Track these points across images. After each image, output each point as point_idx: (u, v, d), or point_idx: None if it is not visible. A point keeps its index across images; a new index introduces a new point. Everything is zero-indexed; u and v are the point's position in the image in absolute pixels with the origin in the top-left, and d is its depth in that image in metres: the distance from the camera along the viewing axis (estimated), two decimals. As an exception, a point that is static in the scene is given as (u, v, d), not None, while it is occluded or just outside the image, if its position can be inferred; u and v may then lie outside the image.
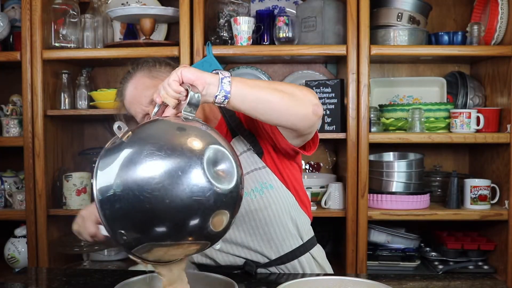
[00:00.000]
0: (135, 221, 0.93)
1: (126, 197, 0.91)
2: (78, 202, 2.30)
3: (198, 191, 0.93)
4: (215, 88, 1.07)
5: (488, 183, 2.23)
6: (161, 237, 0.94)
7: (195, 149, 0.96)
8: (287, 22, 2.26)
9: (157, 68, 1.43)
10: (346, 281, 1.19)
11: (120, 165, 0.93)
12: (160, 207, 0.91)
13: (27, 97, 2.25)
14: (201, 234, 0.97)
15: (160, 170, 0.92)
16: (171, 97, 1.06)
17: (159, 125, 1.02)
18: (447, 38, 2.29)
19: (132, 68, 1.46)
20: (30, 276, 1.52)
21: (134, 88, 1.41)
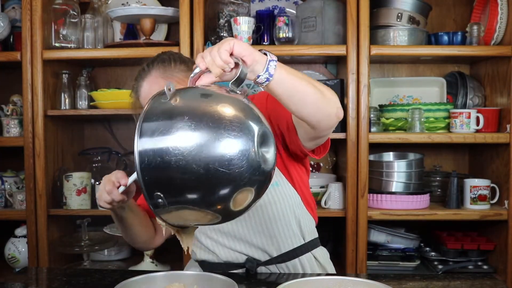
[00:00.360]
0: (178, 184, 0.94)
1: (179, 161, 0.93)
2: (78, 202, 2.30)
3: (246, 164, 0.95)
4: (260, 68, 1.07)
5: (487, 183, 2.23)
6: (195, 202, 0.96)
7: (250, 125, 0.97)
8: (287, 22, 2.26)
9: (172, 67, 1.44)
10: (346, 281, 1.20)
11: (176, 130, 0.94)
12: (205, 173, 0.93)
13: (28, 97, 2.25)
14: (224, 207, 0.99)
15: (219, 140, 0.93)
16: (218, 66, 1.05)
17: (213, 95, 1.02)
18: (447, 38, 2.29)
19: (147, 65, 1.47)
20: (30, 276, 1.52)
21: (148, 87, 1.43)
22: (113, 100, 2.28)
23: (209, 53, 1.05)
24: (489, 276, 1.41)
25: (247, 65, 1.05)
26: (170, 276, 1.26)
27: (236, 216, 1.04)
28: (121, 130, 2.67)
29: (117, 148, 2.63)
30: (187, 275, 1.29)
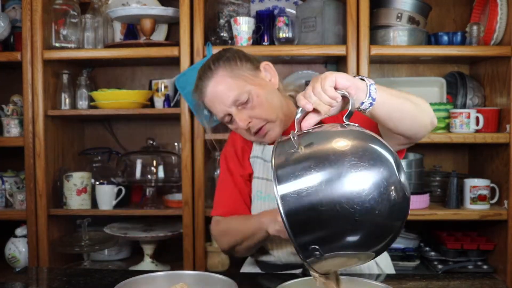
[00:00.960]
0: (337, 234, 0.91)
1: (332, 210, 0.88)
2: (79, 202, 2.30)
3: (400, 200, 0.92)
4: (363, 95, 1.06)
5: (487, 183, 2.23)
6: (356, 247, 0.93)
7: (388, 159, 0.94)
8: (287, 23, 2.26)
9: (238, 65, 1.43)
10: (346, 281, 1.20)
11: (319, 178, 0.90)
12: (368, 218, 0.89)
13: (28, 97, 2.25)
14: (381, 245, 0.96)
15: (368, 182, 0.90)
16: (326, 104, 1.02)
17: (338, 133, 0.98)
18: (447, 38, 2.29)
19: (213, 63, 1.44)
20: (30, 276, 1.52)
21: (216, 87, 1.41)
22: (113, 100, 2.28)
23: (312, 92, 1.03)
24: (489, 276, 1.41)
25: (351, 95, 1.03)
26: (170, 276, 1.27)
27: (386, 249, 1.00)
28: (121, 130, 2.67)
29: (117, 148, 2.63)
30: (187, 275, 1.29)
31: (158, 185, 2.38)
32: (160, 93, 2.38)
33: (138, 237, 2.26)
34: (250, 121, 1.41)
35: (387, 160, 0.93)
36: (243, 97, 1.40)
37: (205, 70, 1.45)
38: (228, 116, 1.43)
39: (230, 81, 1.40)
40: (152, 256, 2.35)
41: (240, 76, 1.42)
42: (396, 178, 0.92)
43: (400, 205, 0.92)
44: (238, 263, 2.42)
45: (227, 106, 1.40)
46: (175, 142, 2.56)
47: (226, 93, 1.40)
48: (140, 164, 2.35)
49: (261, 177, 1.51)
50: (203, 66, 1.47)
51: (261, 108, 1.41)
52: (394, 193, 0.91)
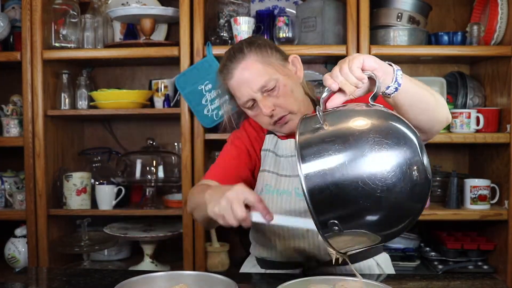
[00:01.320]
0: (358, 210, 0.91)
1: (354, 186, 0.89)
2: (78, 202, 2.30)
3: (421, 181, 0.93)
4: (390, 79, 1.06)
5: (488, 183, 2.23)
6: (375, 225, 0.93)
7: (412, 139, 0.94)
8: (287, 22, 2.26)
9: (269, 53, 1.44)
10: (346, 281, 1.19)
11: (343, 156, 0.90)
12: (390, 195, 0.90)
13: (28, 97, 2.25)
14: (400, 226, 0.96)
15: (392, 160, 0.90)
16: (352, 84, 1.02)
17: (366, 113, 0.98)
18: (447, 38, 2.29)
19: (245, 46, 1.44)
20: (30, 276, 1.52)
21: (246, 70, 1.41)
22: (113, 100, 2.28)
23: (339, 72, 1.03)
24: (489, 276, 1.41)
25: (378, 77, 1.03)
26: (170, 276, 1.26)
27: (403, 231, 1.01)
28: (121, 130, 2.67)
29: (117, 148, 2.63)
30: (187, 275, 1.29)
31: (158, 185, 2.38)
32: (160, 93, 2.37)
33: (138, 237, 2.26)
34: (274, 109, 1.41)
35: (411, 141, 0.94)
36: (271, 84, 1.40)
37: (235, 52, 1.44)
38: (252, 101, 1.43)
39: (260, 66, 1.41)
40: (152, 256, 2.35)
41: (270, 63, 1.42)
42: (419, 159, 0.93)
43: (422, 186, 0.93)
44: (238, 263, 2.43)
45: (254, 91, 1.40)
46: (175, 142, 2.56)
47: (255, 78, 1.40)
48: (140, 164, 2.35)
49: (272, 171, 1.51)
50: (232, 48, 1.47)
51: (286, 98, 1.42)
52: (417, 173, 0.92)
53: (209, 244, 2.29)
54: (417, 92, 1.13)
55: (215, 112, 2.19)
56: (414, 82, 1.14)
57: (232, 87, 1.45)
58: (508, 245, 2.17)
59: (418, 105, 1.14)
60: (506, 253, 2.17)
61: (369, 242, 0.99)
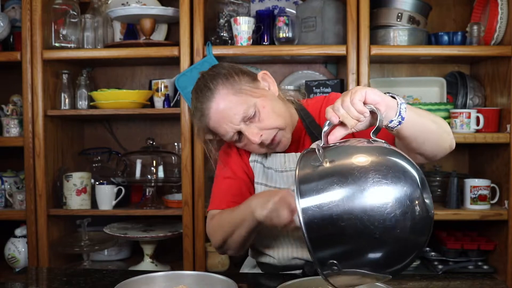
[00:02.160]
0: (356, 250, 0.90)
1: (352, 225, 0.87)
2: (78, 202, 2.30)
3: (423, 221, 0.91)
4: (393, 113, 1.06)
5: (488, 183, 2.23)
6: (375, 265, 0.91)
7: (412, 177, 0.93)
8: (287, 22, 2.26)
9: (237, 80, 1.38)
10: None
11: (341, 193, 0.89)
12: (389, 236, 0.88)
13: (27, 97, 2.25)
14: (402, 264, 0.95)
15: (391, 199, 0.89)
16: (353, 118, 1.01)
17: (364, 149, 0.97)
18: (447, 38, 2.29)
19: (210, 81, 1.38)
20: (30, 276, 1.52)
21: (221, 107, 1.35)
22: (113, 100, 2.28)
23: (341, 105, 1.02)
24: (489, 276, 1.41)
25: (381, 111, 1.02)
26: (170, 276, 1.26)
27: (406, 268, 0.98)
28: (121, 130, 2.67)
29: (117, 148, 2.63)
30: (187, 275, 1.29)
31: (158, 185, 2.38)
32: (160, 93, 2.37)
33: (138, 237, 2.26)
34: (261, 134, 1.36)
35: (411, 178, 0.92)
36: (250, 111, 1.35)
37: (202, 91, 1.38)
38: (237, 134, 1.38)
39: (234, 98, 1.35)
40: (152, 256, 2.35)
41: (241, 90, 1.36)
42: (420, 196, 0.91)
43: (423, 223, 0.91)
44: (238, 263, 2.43)
45: (236, 124, 1.35)
46: (175, 142, 2.56)
47: (232, 111, 1.34)
48: (140, 164, 2.35)
49: (260, 182, 1.49)
50: (198, 88, 1.41)
51: (269, 119, 1.37)
52: (418, 209, 0.90)
53: (209, 244, 2.29)
54: (421, 123, 1.13)
55: (215, 112, 2.19)
56: (418, 112, 1.13)
57: (212, 127, 1.39)
58: (508, 245, 2.17)
59: (422, 135, 1.14)
60: (506, 253, 2.17)
61: (373, 279, 0.97)
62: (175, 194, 2.45)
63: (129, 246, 2.56)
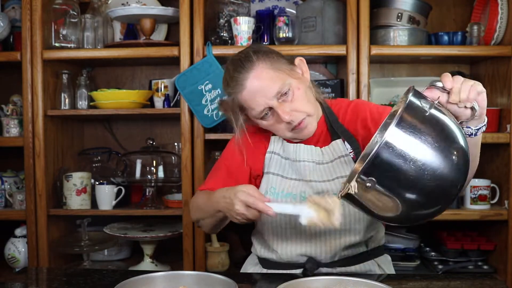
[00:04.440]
0: (402, 178, 1.00)
1: (415, 165, 0.99)
2: (78, 202, 2.30)
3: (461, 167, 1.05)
4: (482, 120, 1.17)
5: (488, 183, 2.23)
6: (407, 202, 1.03)
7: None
8: (287, 22, 2.26)
9: (276, 59, 1.42)
10: (346, 281, 1.19)
11: (426, 147, 1.00)
12: (430, 186, 1.01)
13: (27, 97, 2.25)
14: (423, 215, 1.08)
15: (448, 162, 1.01)
16: (460, 99, 1.10)
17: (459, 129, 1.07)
18: (447, 38, 2.29)
19: (252, 54, 1.41)
20: (30, 276, 1.52)
21: (258, 79, 1.38)
22: (113, 100, 2.28)
23: (461, 83, 1.11)
24: (489, 276, 1.41)
25: (478, 114, 1.13)
26: (170, 276, 1.26)
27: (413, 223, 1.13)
28: (121, 130, 2.67)
29: (117, 148, 2.63)
30: (187, 275, 1.29)
31: (158, 185, 2.38)
32: (160, 93, 2.37)
33: (138, 237, 2.26)
34: (292, 114, 1.39)
35: (463, 167, 1.05)
36: (285, 89, 1.38)
37: (243, 62, 1.41)
38: (267, 110, 1.40)
39: (272, 73, 1.38)
40: (152, 256, 2.35)
41: (280, 69, 1.40)
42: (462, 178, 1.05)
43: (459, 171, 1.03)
44: (238, 263, 2.43)
45: (269, 99, 1.38)
46: (175, 142, 2.56)
47: (269, 85, 1.37)
48: (140, 164, 2.35)
49: (276, 173, 1.50)
50: (238, 58, 1.43)
51: (301, 101, 1.41)
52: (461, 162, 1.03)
53: (209, 244, 2.29)
54: (479, 145, 1.26)
55: (215, 112, 2.19)
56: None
57: (245, 99, 1.41)
58: (508, 245, 2.17)
59: (477, 152, 1.26)
60: (506, 253, 2.17)
61: (390, 212, 1.05)
62: (175, 194, 2.45)
63: (129, 246, 2.56)
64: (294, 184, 1.47)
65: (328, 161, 1.47)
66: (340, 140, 1.47)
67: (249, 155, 1.53)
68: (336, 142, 1.47)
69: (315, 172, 1.46)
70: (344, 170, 1.44)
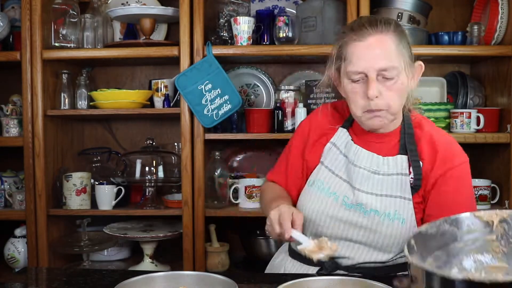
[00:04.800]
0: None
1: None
2: (78, 202, 2.30)
3: None
4: None
5: (488, 183, 2.22)
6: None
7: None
8: (287, 22, 2.26)
9: (405, 44, 1.36)
10: (347, 281, 1.19)
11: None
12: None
13: (27, 97, 2.25)
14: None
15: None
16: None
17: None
18: (447, 38, 2.28)
19: (390, 22, 1.36)
20: (30, 276, 1.52)
21: (380, 43, 1.32)
22: (113, 100, 2.28)
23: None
24: (489, 276, 1.40)
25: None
26: (170, 276, 1.26)
27: None
28: (121, 130, 2.67)
29: (116, 148, 2.63)
30: (187, 275, 1.29)
31: (158, 185, 2.38)
32: (160, 93, 2.37)
33: (138, 237, 2.26)
34: (378, 96, 1.33)
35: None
36: (392, 73, 1.33)
37: (380, 21, 1.34)
38: (362, 75, 1.34)
39: (394, 50, 1.33)
40: (151, 256, 2.35)
41: (402, 54, 1.35)
42: None
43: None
44: (238, 263, 2.43)
45: (373, 68, 1.31)
46: (175, 142, 2.56)
47: (383, 57, 1.31)
48: (140, 164, 2.35)
49: (329, 167, 1.47)
50: (377, 15, 1.41)
51: (395, 95, 1.35)
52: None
53: (209, 244, 2.29)
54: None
55: (215, 112, 2.19)
56: None
57: (354, 50, 1.34)
58: (508, 245, 2.16)
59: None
60: (507, 253, 2.17)
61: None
62: (175, 194, 2.45)
63: (129, 246, 2.56)
64: (341, 185, 1.44)
65: (385, 173, 1.41)
66: (406, 157, 1.41)
67: (309, 146, 1.53)
68: (402, 157, 1.41)
69: (368, 181, 1.42)
70: (397, 189, 1.39)
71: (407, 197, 1.38)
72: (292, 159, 1.56)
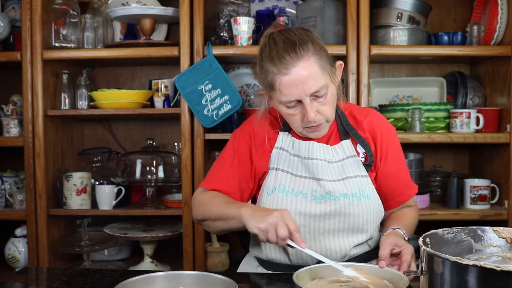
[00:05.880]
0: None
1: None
2: (78, 202, 2.30)
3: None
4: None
5: (487, 183, 2.23)
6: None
7: None
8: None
9: (324, 57, 1.39)
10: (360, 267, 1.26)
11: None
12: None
13: (28, 97, 2.25)
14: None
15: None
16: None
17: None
18: (447, 38, 2.29)
19: (308, 42, 1.38)
20: (30, 276, 1.52)
21: (305, 71, 1.35)
22: (113, 100, 2.28)
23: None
24: (489, 276, 1.40)
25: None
26: (170, 276, 1.26)
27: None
28: (121, 130, 2.67)
29: (117, 148, 2.63)
30: (187, 275, 1.29)
31: (158, 185, 2.38)
32: (160, 93, 2.37)
33: (138, 237, 2.26)
34: (317, 115, 1.40)
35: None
36: (323, 91, 1.38)
37: (296, 46, 1.36)
38: (296, 102, 1.39)
39: (319, 71, 1.36)
40: (152, 256, 2.35)
41: (325, 69, 1.38)
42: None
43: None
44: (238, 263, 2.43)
45: (306, 94, 1.36)
46: (175, 142, 2.56)
47: (311, 82, 1.35)
48: (140, 164, 2.35)
49: (286, 170, 1.50)
50: (292, 38, 1.38)
51: (329, 106, 1.41)
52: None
53: (209, 244, 2.29)
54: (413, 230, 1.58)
55: (215, 112, 2.19)
56: (410, 228, 1.59)
57: (283, 83, 1.36)
58: (508, 245, 2.17)
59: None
60: (506, 253, 2.17)
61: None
62: (175, 194, 2.45)
63: (129, 246, 2.56)
64: (304, 182, 1.47)
65: (338, 160, 1.49)
66: (349, 141, 1.50)
67: (254, 151, 1.53)
68: (346, 142, 1.50)
69: (327, 170, 1.47)
70: (353, 170, 1.47)
71: (364, 175, 1.48)
72: (238, 165, 1.53)
